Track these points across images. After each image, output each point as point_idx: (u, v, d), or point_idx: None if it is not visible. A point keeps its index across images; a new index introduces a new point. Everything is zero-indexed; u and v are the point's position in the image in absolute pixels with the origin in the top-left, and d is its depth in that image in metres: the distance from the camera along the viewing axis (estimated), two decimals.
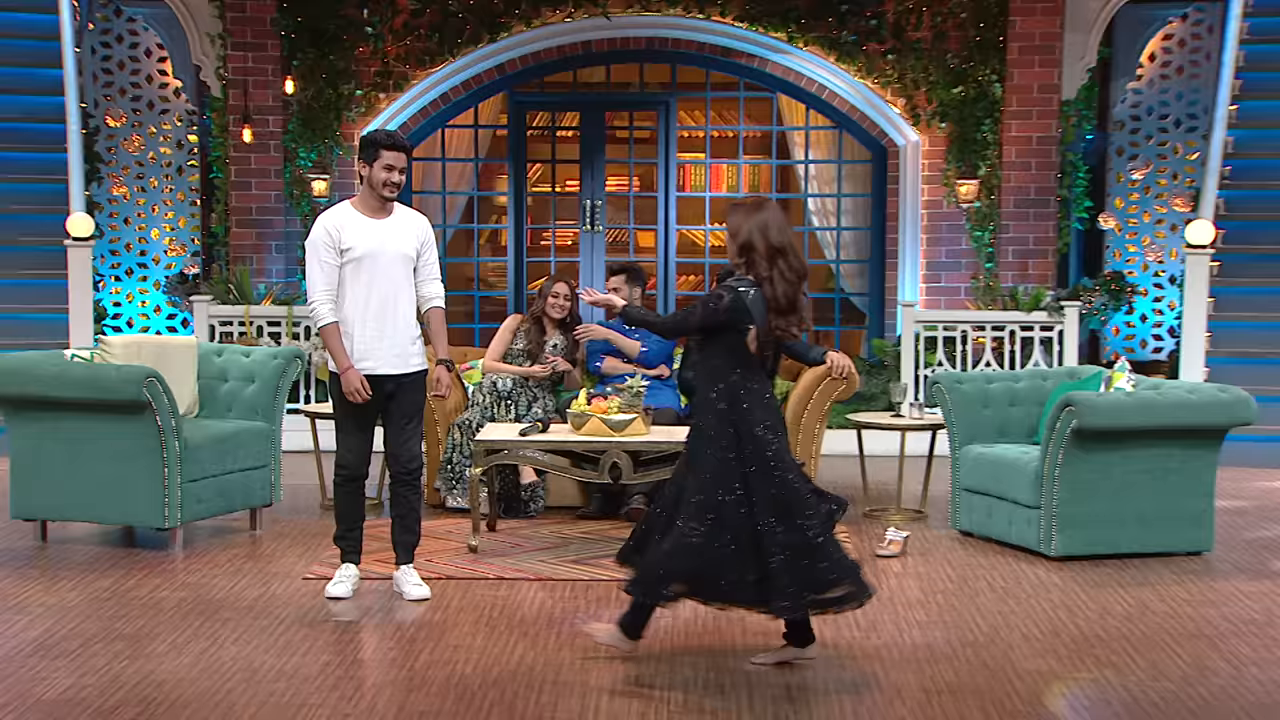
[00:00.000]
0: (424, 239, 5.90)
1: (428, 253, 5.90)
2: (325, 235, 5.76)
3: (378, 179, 5.74)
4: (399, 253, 5.79)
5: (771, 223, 4.92)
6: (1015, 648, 5.27)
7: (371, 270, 5.75)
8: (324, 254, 5.76)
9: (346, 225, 5.78)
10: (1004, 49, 10.29)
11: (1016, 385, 7.36)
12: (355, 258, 5.74)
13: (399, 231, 5.82)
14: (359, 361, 5.75)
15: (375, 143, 5.75)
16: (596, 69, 11.19)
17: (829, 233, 11.15)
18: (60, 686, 4.72)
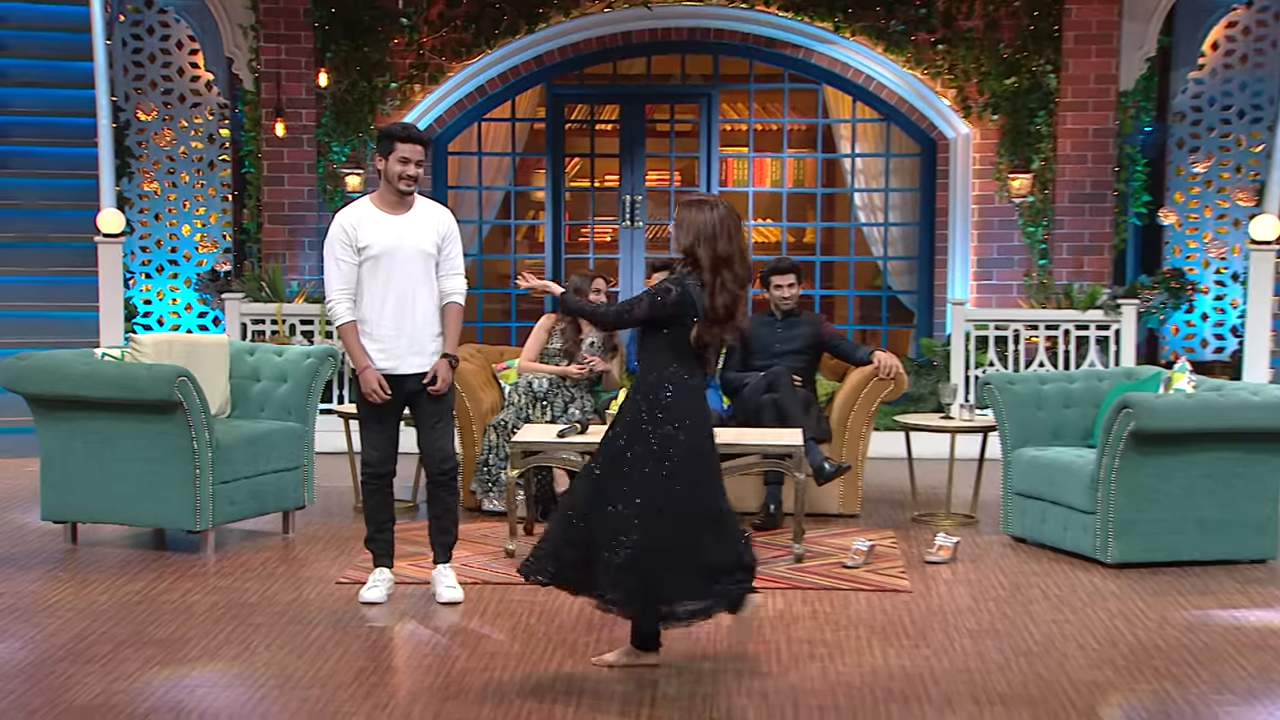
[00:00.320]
0: (445, 233, 5.89)
1: (449, 247, 5.90)
2: (341, 233, 5.80)
3: (393, 172, 5.76)
4: (417, 249, 5.81)
5: (720, 229, 4.95)
6: (1070, 658, 5.23)
7: (389, 267, 5.77)
8: (340, 252, 5.79)
9: (363, 222, 5.80)
10: (1059, 38, 10.22)
11: (1071, 386, 7.32)
12: (372, 255, 5.77)
13: (417, 227, 5.83)
14: (378, 360, 5.79)
15: (390, 135, 5.77)
16: (637, 60, 11.18)
17: (876, 229, 11.10)
18: (91, 692, 4.77)
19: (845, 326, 10.77)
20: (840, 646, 5.36)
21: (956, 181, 10.59)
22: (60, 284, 10.53)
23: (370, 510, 5.97)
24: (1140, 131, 10.61)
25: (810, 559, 6.69)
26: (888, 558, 6.74)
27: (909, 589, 6.19)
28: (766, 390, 7.57)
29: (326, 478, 8.23)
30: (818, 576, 6.39)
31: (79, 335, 9.83)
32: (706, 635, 5.46)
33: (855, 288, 11.30)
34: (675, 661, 5.14)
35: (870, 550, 6.65)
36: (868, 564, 6.58)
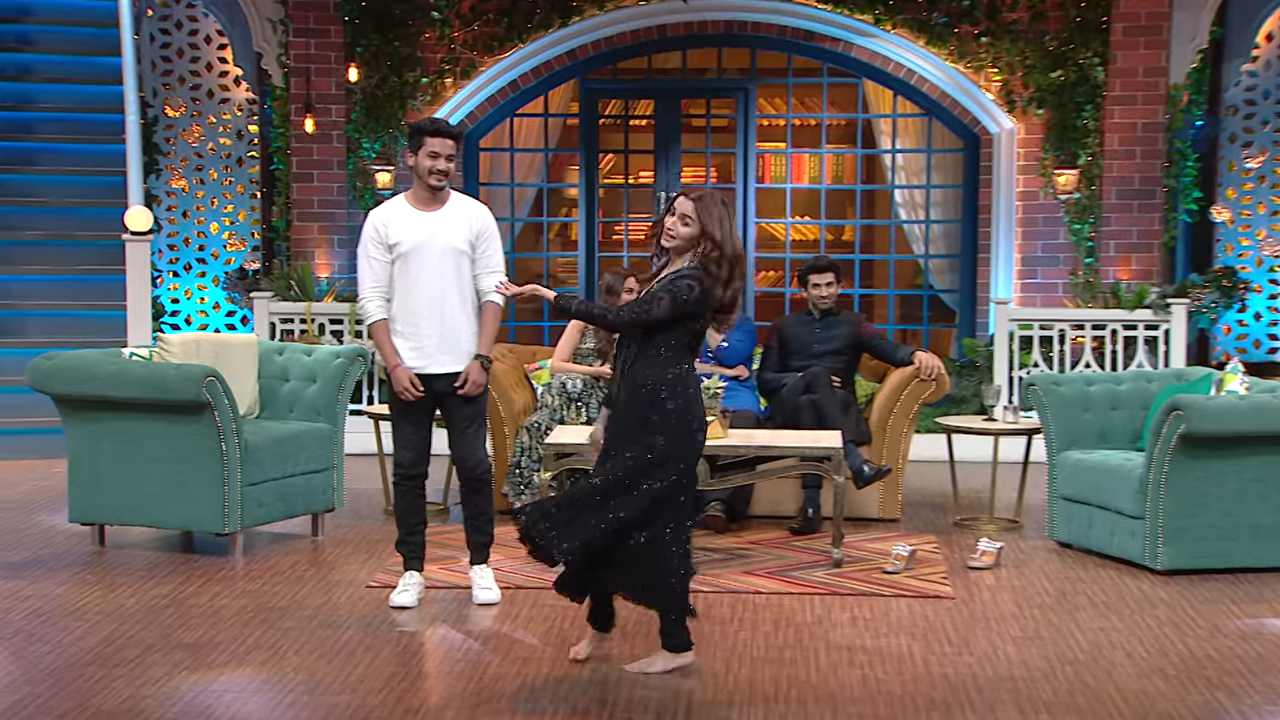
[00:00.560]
0: (479, 230, 5.89)
1: (484, 244, 5.90)
2: (373, 231, 5.83)
3: (423, 167, 5.78)
4: (449, 246, 5.82)
5: (733, 227, 5.09)
6: (1118, 667, 5.20)
7: (419, 265, 5.79)
8: (372, 250, 5.83)
9: (394, 220, 5.83)
10: (1107, 30, 10.16)
11: (1119, 388, 7.27)
12: (403, 253, 5.79)
13: (450, 224, 5.84)
14: (409, 359, 5.82)
15: (419, 130, 5.79)
16: (672, 54, 11.18)
17: (917, 226, 11.06)
18: (120, 696, 4.80)
19: (885, 326, 10.74)
20: (880, 653, 5.35)
21: (1000, 177, 10.54)
22: (87, 282, 10.61)
23: (401, 512, 5.99)
24: (1191, 126, 10.53)
25: (849, 564, 6.68)
26: (929, 563, 6.72)
27: (951, 595, 6.17)
28: (805, 391, 7.56)
29: (356, 480, 8.26)
30: (857, 582, 6.37)
31: (106, 334, 9.91)
32: (744, 642, 5.46)
33: (895, 286, 11.26)
34: (710, 668, 5.14)
35: (911, 555, 6.63)
36: (908, 569, 6.56)
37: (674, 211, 5.07)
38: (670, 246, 5.08)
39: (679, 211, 5.05)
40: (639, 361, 5.03)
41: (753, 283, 11.11)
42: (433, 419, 5.99)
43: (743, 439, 6.93)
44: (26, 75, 11.65)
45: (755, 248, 11.11)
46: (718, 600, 6.05)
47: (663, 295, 4.99)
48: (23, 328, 10.42)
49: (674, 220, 5.06)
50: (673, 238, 5.06)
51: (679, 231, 5.05)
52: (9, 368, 9.86)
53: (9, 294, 10.61)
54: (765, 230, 11.70)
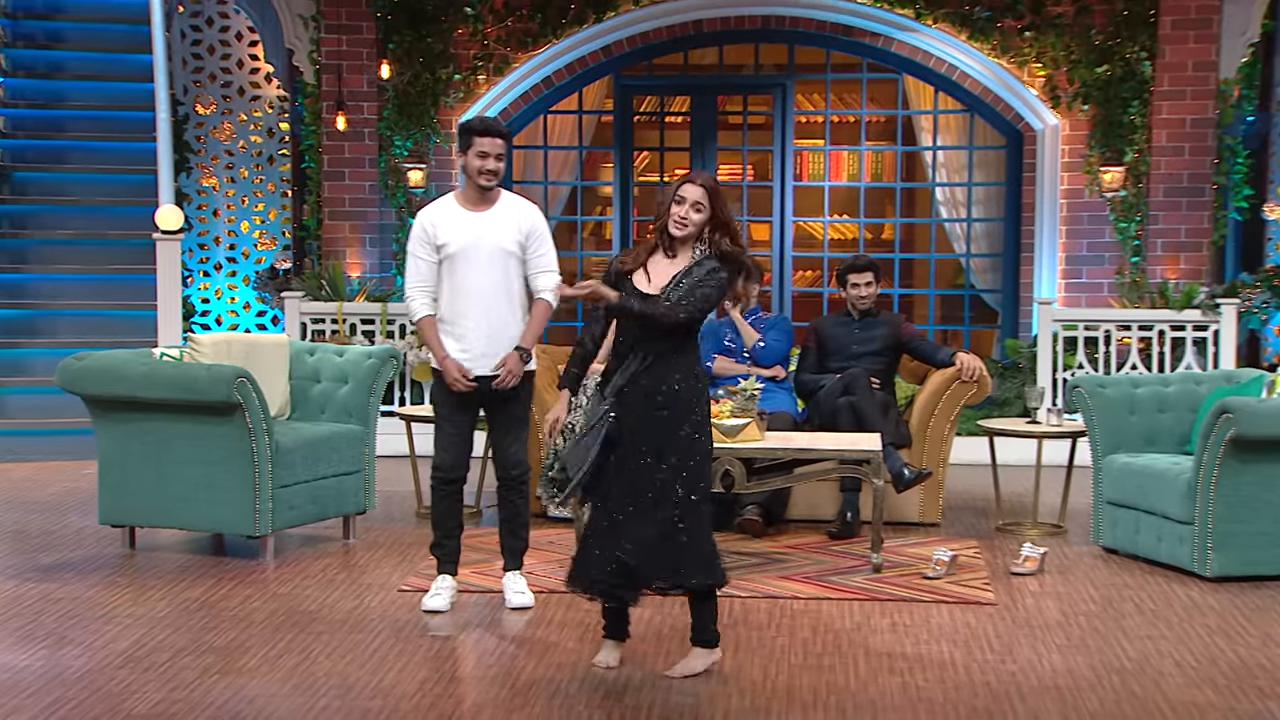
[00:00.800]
0: (529, 230, 5.91)
1: (535, 244, 5.92)
2: (421, 231, 5.87)
3: (473, 167, 5.81)
4: (497, 247, 5.84)
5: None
6: (1167, 676, 5.16)
7: (466, 266, 5.82)
8: (419, 249, 5.86)
9: (443, 220, 5.85)
10: (1155, 23, 10.09)
11: (1166, 390, 7.23)
12: (450, 254, 5.82)
13: (498, 224, 5.86)
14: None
15: (469, 130, 5.82)
16: (708, 50, 11.18)
17: (959, 225, 11.01)
18: (151, 701, 4.84)
19: (925, 327, 10.70)
20: (921, 660, 5.33)
21: (1044, 175, 10.48)
22: (118, 282, 10.69)
23: (438, 515, 6.01)
24: (1242, 121, 10.44)
25: (889, 569, 6.66)
26: (971, 568, 6.69)
27: (993, 601, 6.14)
28: (843, 393, 7.54)
29: (388, 482, 8.30)
30: (897, 587, 6.35)
31: (137, 334, 9.98)
32: (781, 648, 5.45)
33: (936, 286, 11.22)
34: (748, 674, 5.14)
35: (952, 560, 6.60)
36: (950, 575, 6.53)
37: (682, 199, 5.08)
38: (682, 235, 5.09)
39: (689, 199, 5.08)
40: (672, 357, 5.04)
41: (790, 282, 11.09)
42: (475, 422, 6.01)
43: (780, 441, 6.92)
44: (57, 73, 11.76)
45: (793, 247, 11.08)
46: (755, 605, 6.04)
47: (711, 292, 5.04)
48: (53, 328, 10.51)
49: (684, 208, 5.07)
50: (685, 225, 5.08)
51: (692, 219, 5.07)
52: (39, 368, 9.96)
53: (39, 293, 10.71)
54: (803, 229, 11.68)
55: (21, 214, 11.09)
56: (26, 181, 11.23)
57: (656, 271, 5.13)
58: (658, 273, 5.12)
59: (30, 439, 9.76)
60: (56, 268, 10.81)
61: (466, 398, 5.87)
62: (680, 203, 5.08)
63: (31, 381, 10.01)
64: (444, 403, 5.92)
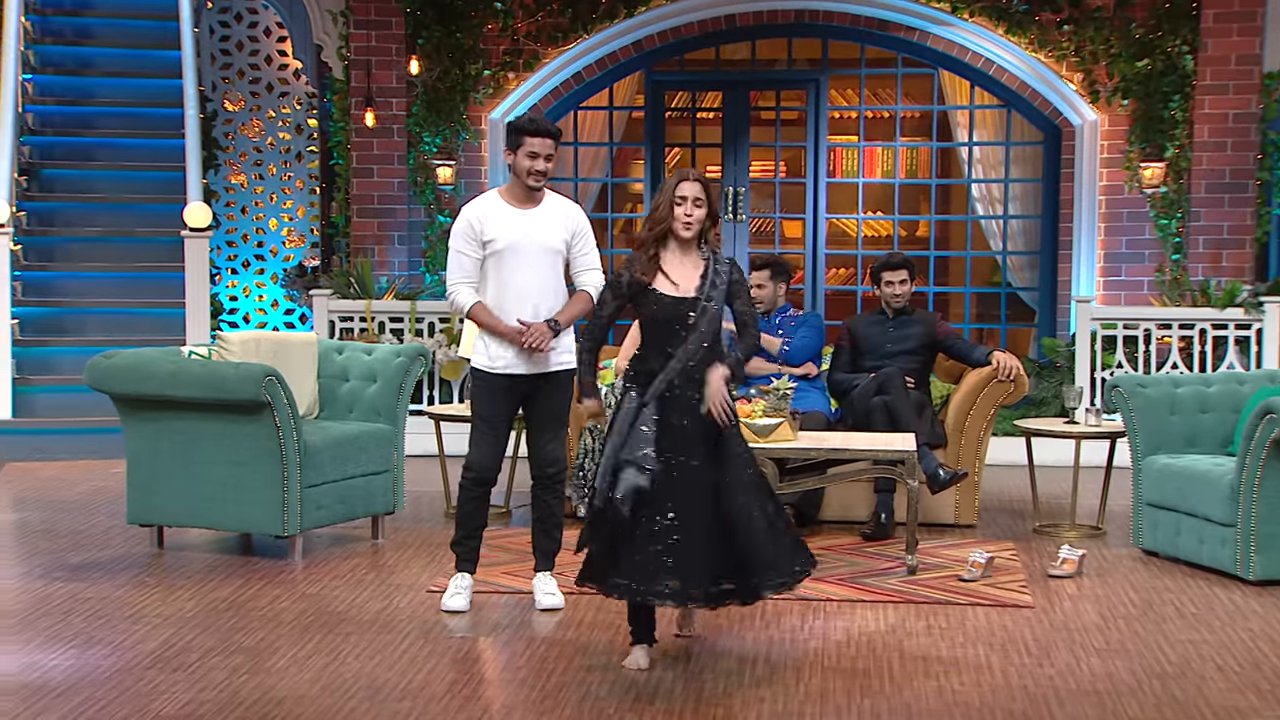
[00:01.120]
0: (575, 229, 5.94)
1: (580, 243, 5.95)
2: (468, 226, 5.87)
3: (522, 167, 5.82)
4: (544, 245, 5.86)
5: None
6: (1209, 681, 5.13)
7: (513, 263, 5.84)
8: (464, 245, 5.87)
9: (490, 216, 5.87)
10: (1197, 16, 10.02)
11: (1208, 390, 7.18)
12: (497, 250, 5.83)
13: (546, 223, 5.89)
14: (494, 360, 5.85)
15: (519, 129, 5.83)
16: (741, 45, 11.17)
17: (995, 222, 10.98)
18: (179, 701, 4.86)
19: (961, 325, 10.68)
20: (957, 664, 5.31)
21: (1082, 171, 10.44)
22: (146, 279, 10.74)
23: (464, 514, 6.01)
24: None
25: (924, 571, 6.64)
26: (1007, 570, 6.67)
27: (1031, 604, 6.11)
28: (877, 392, 7.52)
29: (416, 482, 8.32)
30: (932, 590, 6.33)
31: (165, 332, 10.04)
32: (814, 650, 5.44)
33: (972, 284, 11.19)
34: (781, 677, 5.13)
35: (989, 562, 6.58)
36: (986, 577, 6.51)
37: (683, 198, 5.16)
38: (691, 235, 5.20)
39: (690, 196, 5.17)
40: (710, 354, 5.12)
41: (823, 280, 11.08)
42: (512, 423, 6.02)
43: (813, 441, 6.90)
44: (85, 69, 11.83)
45: (826, 244, 11.06)
46: (787, 607, 6.03)
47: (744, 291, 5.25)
48: (81, 326, 10.57)
49: (688, 205, 5.16)
50: (691, 224, 5.20)
51: (696, 216, 5.19)
52: (67, 366, 10.03)
53: (67, 291, 10.78)
54: (836, 226, 11.65)
55: (49, 211, 11.17)
56: (54, 178, 11.31)
57: (677, 274, 5.20)
58: (680, 275, 5.20)
59: (58, 438, 9.83)
60: (84, 265, 10.88)
61: (506, 397, 5.88)
62: (681, 202, 5.16)
63: (59, 380, 10.08)
64: (482, 403, 5.92)
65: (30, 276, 10.65)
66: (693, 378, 5.10)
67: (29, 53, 11.44)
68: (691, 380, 5.11)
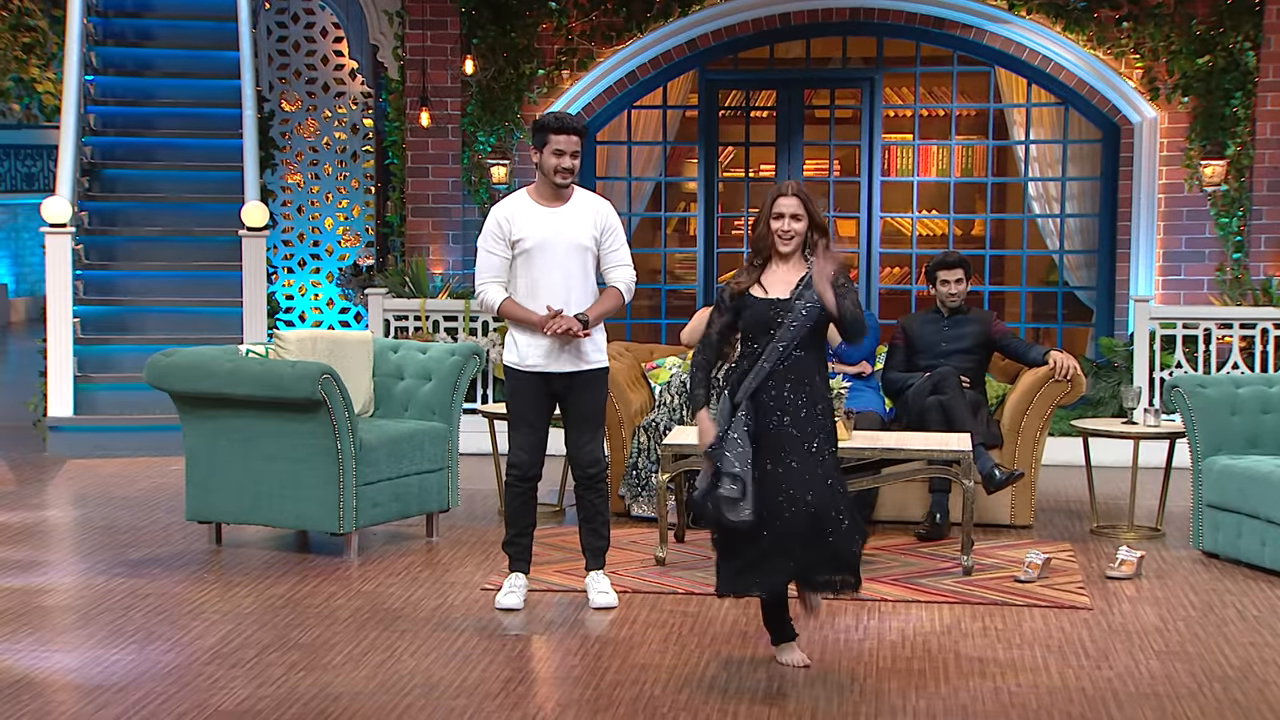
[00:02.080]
0: (604, 226, 5.95)
1: (610, 239, 5.96)
2: (496, 226, 5.91)
3: (548, 165, 5.83)
4: (573, 243, 5.87)
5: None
6: (1272, 684, 5.07)
7: (543, 261, 5.85)
8: (492, 245, 5.90)
9: (518, 215, 5.89)
10: (1260, 11, 9.89)
11: (1270, 390, 7.09)
12: (526, 249, 5.85)
13: (575, 220, 5.90)
14: (529, 357, 5.87)
15: (544, 127, 5.84)
16: (795, 44, 11.13)
17: (1052, 220, 10.88)
18: (238, 697, 4.91)
19: (1017, 324, 10.58)
20: (1014, 665, 5.28)
21: (1141, 169, 10.33)
22: (205, 278, 10.84)
23: (513, 513, 6.04)
24: None
25: (980, 572, 6.59)
26: (1065, 571, 6.61)
27: (1088, 606, 6.06)
28: (932, 392, 7.48)
29: (470, 480, 8.36)
30: (988, 590, 6.29)
31: (223, 331, 10.14)
32: (869, 650, 5.42)
33: (1028, 283, 11.09)
34: (835, 679, 5.12)
35: (1046, 563, 6.53)
36: (1043, 578, 6.46)
37: (780, 214, 5.17)
38: (790, 249, 5.18)
39: (787, 211, 5.17)
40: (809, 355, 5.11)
41: (877, 279, 11.02)
42: (550, 421, 6.04)
43: (867, 441, 6.88)
44: (146, 70, 11.96)
45: (880, 243, 11.01)
46: (841, 608, 6.00)
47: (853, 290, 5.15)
48: (141, 324, 10.69)
49: (785, 221, 5.17)
50: (790, 238, 5.17)
51: (795, 229, 5.17)
52: (128, 364, 10.13)
53: (128, 290, 10.90)
54: (891, 225, 11.59)
55: (111, 211, 11.30)
56: (115, 178, 11.44)
57: (774, 280, 5.17)
58: (776, 281, 5.17)
59: (119, 435, 9.94)
60: (145, 264, 10.99)
61: (539, 395, 5.90)
62: (780, 218, 5.16)
63: (120, 377, 10.19)
64: (518, 401, 5.95)
65: (91, 275, 10.78)
66: (785, 380, 5.05)
67: (91, 55, 11.57)
68: (783, 382, 5.05)
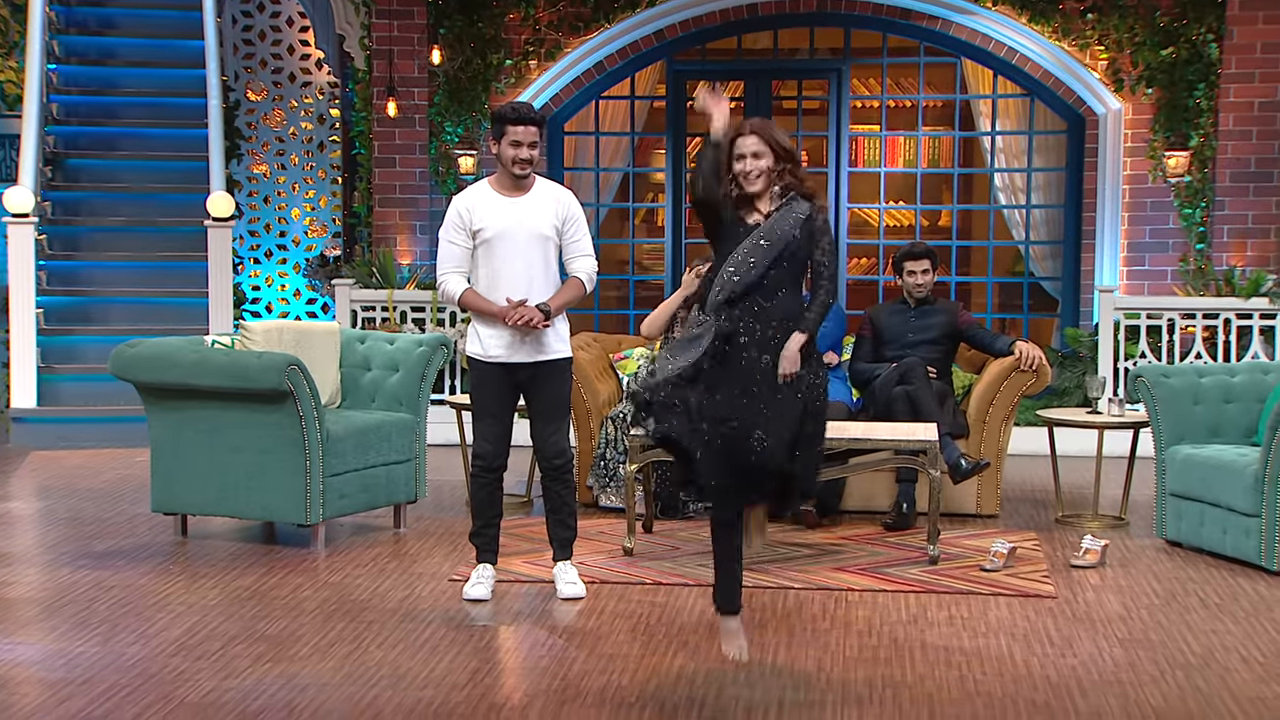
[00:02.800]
0: (565, 215, 5.94)
1: (572, 229, 5.95)
2: (457, 216, 5.90)
3: (506, 156, 5.82)
4: (534, 232, 5.86)
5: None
6: (1233, 671, 5.11)
7: (504, 251, 5.84)
8: (453, 235, 5.90)
9: (479, 205, 5.87)
10: (1223, 4, 9.95)
11: (1232, 380, 7.14)
12: (488, 239, 5.84)
13: (536, 210, 5.88)
14: (491, 348, 5.85)
15: (502, 118, 5.83)
16: (762, 34, 11.13)
17: (1018, 211, 10.92)
18: (203, 689, 4.88)
19: (983, 315, 10.62)
20: (979, 654, 5.30)
21: (1106, 160, 10.38)
22: (170, 269, 10.79)
23: (478, 504, 6.04)
24: None
25: (946, 561, 6.62)
26: (1030, 561, 6.64)
27: (1053, 594, 6.09)
28: (899, 382, 7.50)
29: (438, 471, 8.33)
30: (954, 580, 6.32)
31: (188, 321, 10.08)
32: (836, 641, 5.43)
33: (994, 274, 11.14)
34: (802, 667, 5.13)
35: (1011, 553, 6.56)
36: (1008, 567, 6.49)
37: (741, 153, 4.93)
38: (758, 189, 4.95)
39: (748, 151, 4.93)
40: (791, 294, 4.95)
41: (845, 270, 11.04)
42: (514, 411, 6.03)
43: (835, 431, 6.84)
44: (109, 59, 11.87)
45: (848, 234, 11.03)
46: (809, 597, 6.02)
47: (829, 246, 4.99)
48: (105, 315, 10.62)
49: (747, 160, 4.94)
50: (754, 178, 4.95)
51: (759, 167, 4.94)
52: (92, 355, 10.07)
53: (92, 280, 10.83)
54: (858, 215, 11.61)
55: (74, 200, 11.22)
56: (79, 168, 11.36)
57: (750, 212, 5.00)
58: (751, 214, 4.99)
59: (83, 426, 9.88)
60: (109, 255, 10.92)
61: (502, 385, 5.89)
62: (740, 158, 4.95)
63: (84, 369, 10.13)
64: (481, 393, 5.94)
65: (55, 266, 10.70)
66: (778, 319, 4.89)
67: (54, 43, 11.49)
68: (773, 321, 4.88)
